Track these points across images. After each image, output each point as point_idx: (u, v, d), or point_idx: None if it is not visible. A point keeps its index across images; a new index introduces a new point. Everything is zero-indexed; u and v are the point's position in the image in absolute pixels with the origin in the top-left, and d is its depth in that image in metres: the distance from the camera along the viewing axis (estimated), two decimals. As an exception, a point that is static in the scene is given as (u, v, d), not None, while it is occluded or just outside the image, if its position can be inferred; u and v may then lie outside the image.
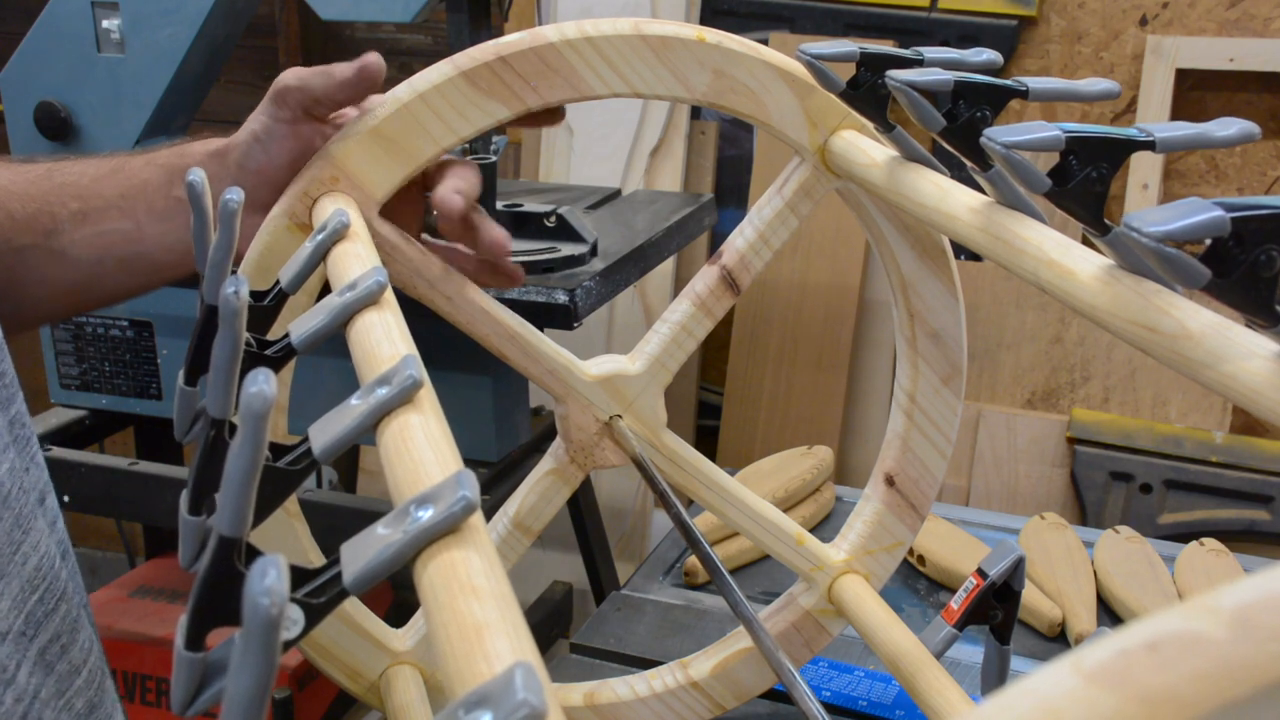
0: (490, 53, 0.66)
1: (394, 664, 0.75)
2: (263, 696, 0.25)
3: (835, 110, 0.71)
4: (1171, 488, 1.97)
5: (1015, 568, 0.74)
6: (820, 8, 2.18)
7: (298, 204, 0.66)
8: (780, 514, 0.80)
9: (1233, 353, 0.38)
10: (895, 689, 0.93)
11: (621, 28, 0.67)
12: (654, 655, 1.00)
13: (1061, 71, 2.06)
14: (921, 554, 1.15)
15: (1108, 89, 0.52)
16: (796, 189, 0.73)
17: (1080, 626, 1.03)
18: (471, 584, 0.30)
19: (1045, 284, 0.48)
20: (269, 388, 0.31)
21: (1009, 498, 2.05)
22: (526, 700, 0.23)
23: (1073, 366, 2.07)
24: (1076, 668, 0.18)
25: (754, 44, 0.71)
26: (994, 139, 0.45)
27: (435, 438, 0.37)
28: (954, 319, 0.78)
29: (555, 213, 1.63)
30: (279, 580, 0.24)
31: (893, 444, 0.81)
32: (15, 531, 0.63)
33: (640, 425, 0.76)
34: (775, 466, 1.27)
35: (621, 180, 2.23)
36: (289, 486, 0.40)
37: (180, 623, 0.37)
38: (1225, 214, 0.36)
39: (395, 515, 0.33)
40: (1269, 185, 2.01)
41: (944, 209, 0.56)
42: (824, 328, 2.17)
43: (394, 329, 0.46)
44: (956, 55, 0.58)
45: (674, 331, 0.76)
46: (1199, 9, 1.98)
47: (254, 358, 0.48)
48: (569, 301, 1.49)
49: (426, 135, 0.66)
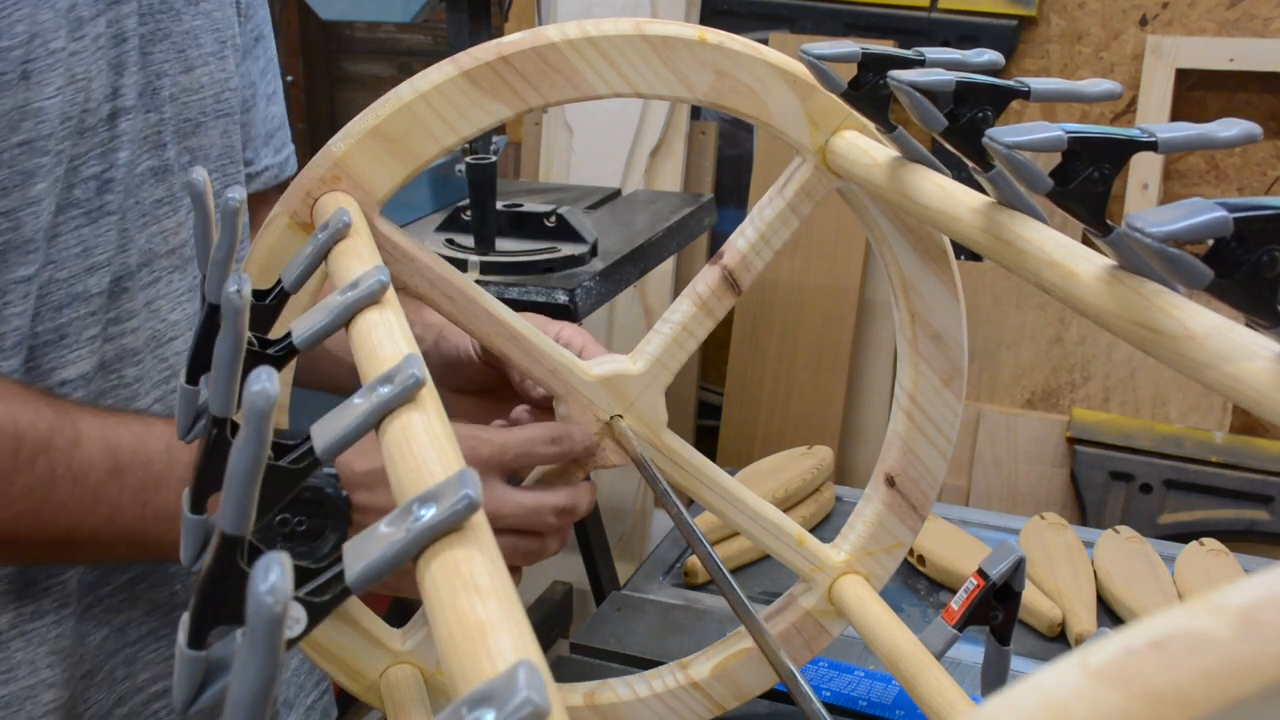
0: (492, 52, 0.66)
1: (394, 663, 0.75)
2: (266, 695, 0.25)
3: (836, 110, 0.71)
4: (1171, 488, 1.97)
5: (1015, 568, 0.74)
6: (820, 8, 2.18)
7: (299, 203, 0.66)
8: (780, 514, 0.80)
9: (1235, 353, 0.38)
10: (895, 689, 0.93)
11: (623, 28, 0.67)
12: (654, 655, 1.00)
13: (1061, 71, 2.06)
14: (922, 554, 1.15)
15: (1109, 90, 0.52)
16: (798, 189, 0.74)
17: (1080, 626, 1.03)
18: (474, 582, 0.30)
19: (1047, 284, 0.48)
20: (271, 386, 0.31)
21: (1009, 498, 2.05)
22: (530, 698, 0.23)
23: (1073, 366, 2.08)
24: (1082, 666, 0.18)
25: (755, 44, 0.71)
26: (996, 139, 0.45)
27: (438, 436, 0.37)
28: (955, 320, 0.78)
29: (555, 213, 1.63)
30: (282, 578, 0.24)
31: (893, 444, 0.81)
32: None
33: (641, 425, 0.77)
34: (775, 466, 1.27)
35: (621, 180, 2.23)
36: (291, 485, 0.40)
37: (182, 621, 0.37)
38: (1228, 214, 0.36)
39: (398, 514, 0.33)
40: (1269, 185, 2.01)
41: (945, 209, 0.56)
42: (824, 328, 2.17)
43: (396, 328, 0.46)
44: (958, 56, 0.58)
45: (675, 331, 0.76)
46: (1199, 9, 1.98)
47: (256, 356, 0.48)
48: (569, 301, 1.49)
49: (428, 135, 0.66)
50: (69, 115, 0.71)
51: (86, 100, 0.72)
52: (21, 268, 0.70)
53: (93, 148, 0.74)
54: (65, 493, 0.67)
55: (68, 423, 0.68)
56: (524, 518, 0.72)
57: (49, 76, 0.69)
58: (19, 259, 0.70)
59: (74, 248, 0.74)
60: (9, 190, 0.69)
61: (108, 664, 0.80)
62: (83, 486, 0.67)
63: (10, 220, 0.69)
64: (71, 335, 0.74)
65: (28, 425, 0.66)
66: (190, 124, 0.82)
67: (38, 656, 0.75)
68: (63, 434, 0.67)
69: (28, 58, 0.68)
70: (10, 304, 0.71)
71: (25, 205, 0.70)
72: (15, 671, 0.74)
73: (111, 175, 0.75)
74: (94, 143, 0.74)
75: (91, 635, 0.79)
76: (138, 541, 0.70)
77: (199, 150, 0.83)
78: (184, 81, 0.81)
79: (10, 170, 0.69)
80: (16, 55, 0.67)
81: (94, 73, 0.72)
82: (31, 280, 0.71)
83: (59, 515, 0.67)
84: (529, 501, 0.73)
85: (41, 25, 0.68)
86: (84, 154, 0.73)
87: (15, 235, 0.70)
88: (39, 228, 0.71)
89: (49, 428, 0.67)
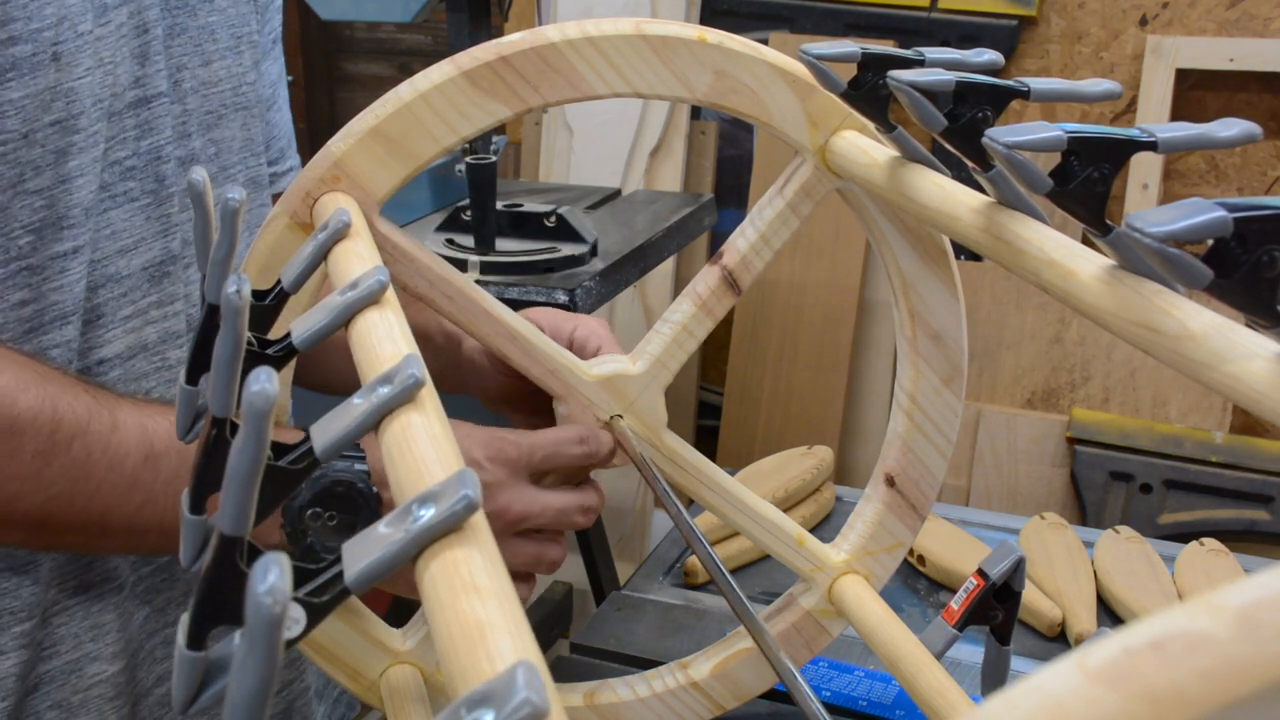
0: (492, 52, 0.66)
1: (394, 664, 0.75)
2: (265, 695, 0.25)
3: (836, 110, 0.71)
4: (1171, 488, 1.97)
5: (1015, 568, 0.74)
6: (820, 8, 2.18)
7: (299, 203, 0.66)
8: (780, 514, 0.80)
9: (1235, 353, 0.38)
10: (895, 689, 0.93)
11: (623, 28, 0.67)
12: (654, 655, 1.00)
13: (1061, 71, 2.06)
14: (922, 554, 1.15)
15: (1109, 89, 0.52)
16: (797, 189, 0.73)
17: (1080, 626, 1.03)
18: (474, 583, 0.30)
19: (1047, 284, 0.48)
20: (271, 386, 0.31)
21: (1009, 498, 2.05)
22: (529, 699, 0.23)
23: (1073, 366, 2.07)
24: (1081, 666, 0.18)
25: (755, 44, 0.71)
26: (996, 139, 0.45)
27: (437, 437, 0.37)
28: (955, 319, 0.78)
29: (555, 213, 1.63)
30: (281, 579, 0.24)
31: (893, 444, 0.81)
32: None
33: (641, 425, 0.77)
34: (775, 466, 1.27)
35: (621, 180, 2.23)
36: (290, 485, 0.40)
37: (182, 622, 0.37)
38: (1228, 214, 0.36)
39: (397, 514, 0.33)
40: (1269, 185, 2.01)
41: (945, 209, 0.56)
42: (824, 328, 2.17)
43: (395, 328, 0.46)
44: (958, 56, 0.58)
45: (675, 331, 0.76)
46: (1199, 9, 1.98)
47: (255, 357, 0.48)
48: (569, 301, 1.49)
49: (428, 135, 0.66)
50: (100, 97, 0.73)
51: (114, 84, 0.75)
52: (59, 243, 0.73)
53: (120, 132, 0.76)
54: (101, 476, 0.68)
55: (105, 409, 0.69)
56: (554, 517, 0.73)
57: (78, 58, 0.71)
58: (54, 235, 0.72)
59: (104, 230, 0.76)
60: (43, 169, 0.71)
61: (149, 643, 0.83)
62: (118, 472, 0.68)
63: (45, 198, 0.72)
64: (107, 315, 0.77)
65: (66, 409, 0.67)
66: (212, 116, 0.84)
67: (81, 631, 0.77)
68: (100, 419, 0.68)
69: (57, 39, 0.70)
70: (49, 279, 0.73)
71: (59, 183, 0.72)
72: (59, 646, 0.77)
73: (134, 163, 0.77)
74: (121, 128, 0.76)
75: (135, 613, 0.81)
76: (169, 530, 0.71)
77: (222, 142, 0.86)
78: (203, 75, 0.83)
79: (44, 149, 0.71)
80: (47, 36, 0.70)
81: (119, 59, 0.75)
82: (77, 254, 0.74)
83: (94, 499, 0.68)
84: (556, 502, 0.73)
85: (69, 9, 0.71)
86: (114, 138, 0.76)
87: (51, 212, 0.72)
88: (75, 204, 0.73)
89: (87, 412, 0.68)
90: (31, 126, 0.70)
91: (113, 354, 0.77)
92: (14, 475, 0.65)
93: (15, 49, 0.68)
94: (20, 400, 0.66)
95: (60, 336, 0.74)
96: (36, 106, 0.70)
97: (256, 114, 0.89)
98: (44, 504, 0.67)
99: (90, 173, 0.73)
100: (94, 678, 0.78)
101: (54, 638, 0.77)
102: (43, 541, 0.72)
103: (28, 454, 0.65)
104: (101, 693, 0.79)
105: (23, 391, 0.66)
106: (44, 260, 0.72)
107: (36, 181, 0.71)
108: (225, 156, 0.86)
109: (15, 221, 0.71)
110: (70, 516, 0.68)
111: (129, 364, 0.78)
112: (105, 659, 0.79)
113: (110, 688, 0.79)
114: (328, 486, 0.65)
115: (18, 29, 0.68)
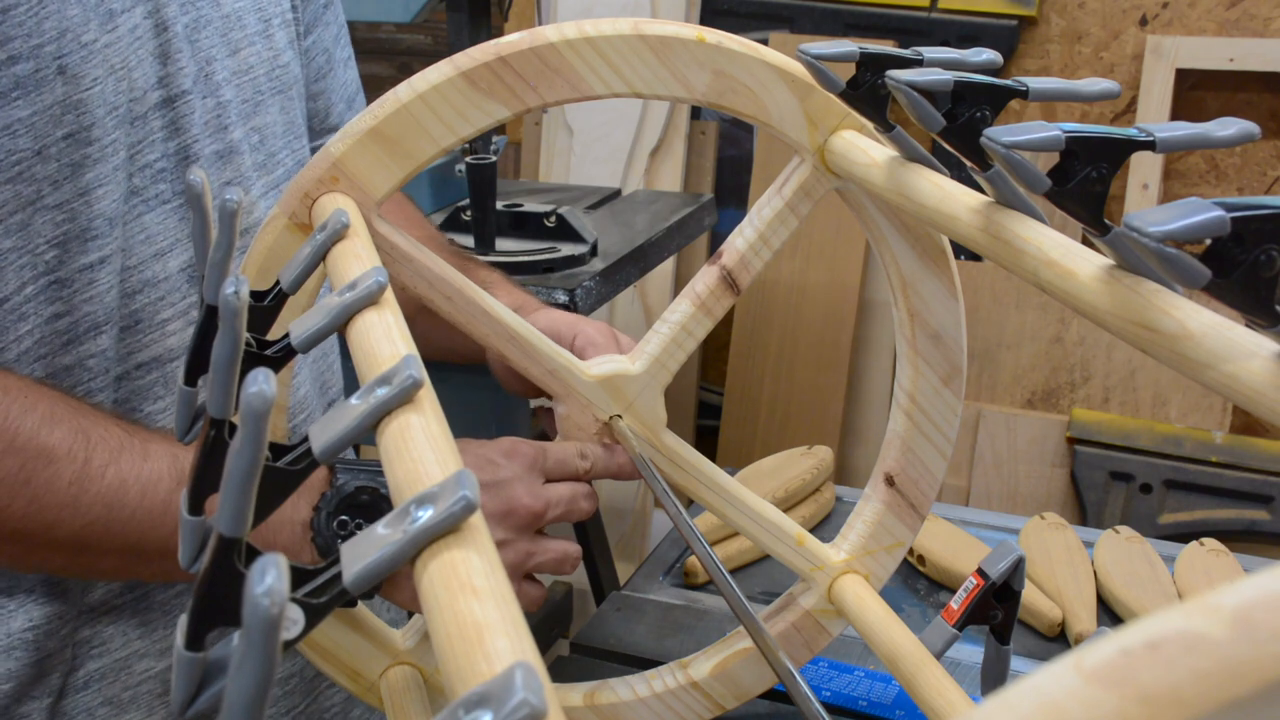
0: (490, 53, 0.66)
1: (394, 664, 0.75)
2: (263, 697, 0.25)
3: (835, 110, 0.71)
4: (1171, 488, 1.97)
5: (1015, 568, 0.74)
6: (820, 8, 2.18)
7: (297, 204, 0.66)
8: (780, 514, 0.80)
9: (1233, 353, 0.38)
10: (895, 689, 0.93)
11: (621, 28, 0.67)
12: (654, 655, 1.00)
13: (1061, 71, 2.06)
14: (921, 554, 1.15)
15: (1108, 89, 0.52)
16: (796, 189, 0.73)
17: (1080, 626, 1.03)
18: (471, 584, 0.30)
19: (1045, 284, 0.48)
20: (269, 387, 0.31)
21: (1009, 498, 2.06)
22: (526, 700, 0.23)
23: (1073, 366, 2.08)
24: (1078, 667, 0.18)
25: (754, 44, 0.71)
26: (994, 139, 0.45)
27: (435, 438, 0.37)
28: (954, 319, 0.78)
29: (555, 213, 1.63)
30: (279, 580, 0.24)
31: (893, 444, 0.81)
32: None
33: (640, 425, 0.77)
34: (775, 466, 1.27)
35: (621, 180, 2.23)
36: (289, 486, 0.40)
37: (180, 623, 0.37)
38: (1225, 214, 0.36)
39: (396, 515, 0.33)
40: (1269, 185, 2.01)
41: (944, 209, 0.56)
42: (824, 328, 2.17)
43: (394, 329, 0.46)
44: (956, 55, 0.58)
45: (674, 331, 0.76)
46: (1199, 9, 1.98)
47: (254, 358, 0.48)
48: (569, 301, 1.49)
49: (426, 135, 0.66)
50: (115, 105, 0.73)
51: (131, 89, 0.74)
52: (84, 255, 0.73)
53: (146, 135, 0.76)
54: (134, 503, 0.69)
55: (137, 440, 0.71)
56: (566, 506, 0.76)
57: (85, 69, 0.71)
58: (79, 247, 0.73)
59: (138, 235, 0.77)
60: (60, 183, 0.72)
61: None
62: (151, 497, 0.70)
63: (65, 211, 0.72)
64: (145, 320, 0.78)
65: (99, 440, 0.69)
66: (249, 105, 0.84)
67: (129, 629, 0.79)
68: (132, 449, 0.70)
69: (60, 53, 0.70)
70: (79, 291, 0.74)
71: (78, 196, 0.72)
72: (109, 644, 0.79)
73: (164, 165, 0.78)
74: (146, 131, 0.76)
75: (179, 613, 0.81)
76: None
77: (264, 129, 0.86)
78: (233, 64, 0.83)
79: (59, 164, 0.71)
80: (49, 51, 0.70)
81: (134, 63, 0.74)
82: (104, 264, 0.74)
83: (129, 525, 0.69)
84: (566, 491, 0.76)
85: (70, 20, 0.70)
86: (139, 142, 0.76)
87: (73, 225, 0.73)
88: (97, 214, 0.73)
89: (119, 443, 0.70)
90: (44, 143, 0.70)
91: (150, 358, 0.78)
92: (52, 503, 0.67)
93: (17, 67, 0.68)
94: (56, 431, 0.68)
95: (95, 346, 0.75)
96: (47, 122, 0.70)
97: (295, 95, 0.89)
98: (81, 530, 0.68)
99: (111, 182, 0.74)
100: (143, 674, 0.80)
101: (103, 636, 0.79)
102: (82, 565, 0.73)
103: (64, 482, 0.67)
104: (150, 689, 0.80)
105: (58, 424, 0.68)
106: (71, 273, 0.73)
107: (55, 196, 0.71)
108: (270, 143, 0.86)
109: (39, 237, 0.72)
110: (107, 542, 0.70)
111: (167, 368, 0.79)
112: (154, 655, 0.80)
113: (159, 684, 0.81)
114: (351, 494, 0.66)
115: (17, 47, 0.68)
